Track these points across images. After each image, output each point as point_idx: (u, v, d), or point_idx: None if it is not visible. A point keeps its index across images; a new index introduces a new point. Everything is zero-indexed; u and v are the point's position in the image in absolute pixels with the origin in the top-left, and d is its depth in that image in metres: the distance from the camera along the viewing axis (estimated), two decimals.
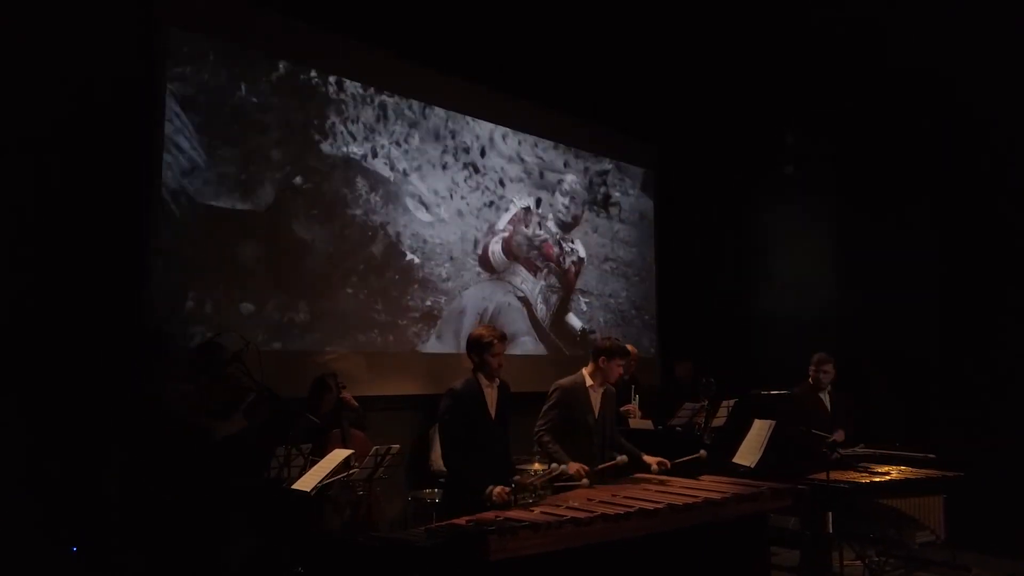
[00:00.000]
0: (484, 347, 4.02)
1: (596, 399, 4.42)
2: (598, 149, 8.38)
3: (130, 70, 4.87)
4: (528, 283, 7.49)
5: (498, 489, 3.75)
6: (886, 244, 7.37)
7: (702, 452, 4.54)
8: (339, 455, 4.19)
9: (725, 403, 6.56)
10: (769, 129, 8.15)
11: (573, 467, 4.09)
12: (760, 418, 5.23)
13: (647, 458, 4.40)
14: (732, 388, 6.67)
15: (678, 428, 6.43)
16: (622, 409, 6.25)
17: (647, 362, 8.51)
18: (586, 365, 4.55)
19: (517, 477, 3.90)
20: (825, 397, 5.81)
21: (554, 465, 4.07)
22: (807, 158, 7.92)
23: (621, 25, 7.53)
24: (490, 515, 3.28)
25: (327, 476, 4.05)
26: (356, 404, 5.10)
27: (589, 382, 4.43)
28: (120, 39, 4.83)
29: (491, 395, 4.07)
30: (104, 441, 4.04)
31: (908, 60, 7.04)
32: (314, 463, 4.21)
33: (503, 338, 4.09)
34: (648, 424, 6.31)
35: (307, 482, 4.01)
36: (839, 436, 5.51)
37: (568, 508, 3.38)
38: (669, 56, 7.95)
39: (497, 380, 4.11)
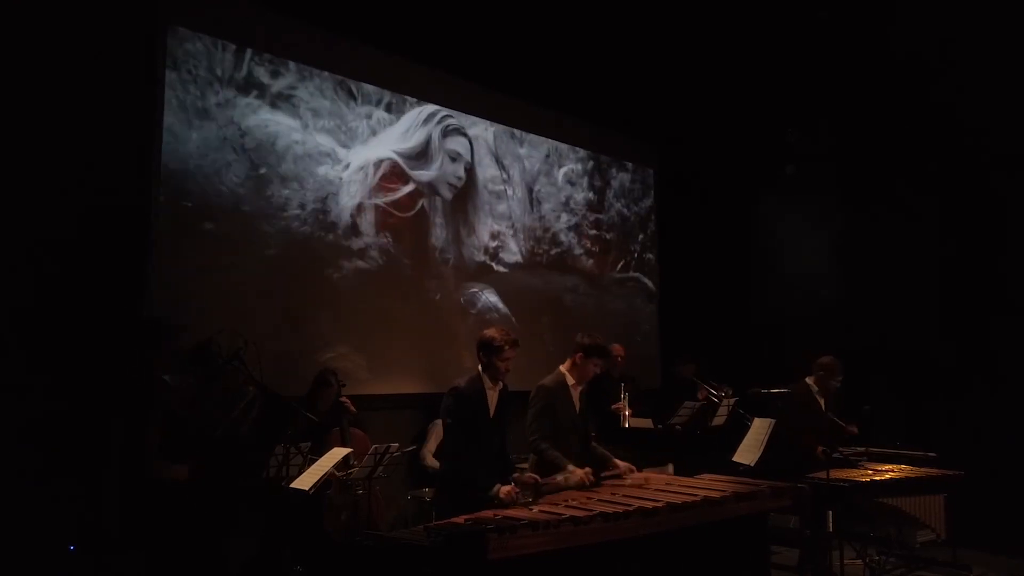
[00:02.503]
0: (495, 350, 3.97)
1: (576, 396, 4.36)
2: (599, 149, 8.37)
3: (132, 68, 4.89)
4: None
5: (505, 488, 3.73)
6: (887, 242, 7.37)
7: (669, 466, 4.52)
8: (338, 453, 4.19)
9: (726, 401, 6.55)
10: (770, 128, 8.14)
11: (578, 473, 4.04)
12: (760, 416, 5.23)
13: (618, 463, 4.35)
14: (735, 386, 6.67)
15: (677, 427, 6.42)
16: (613, 408, 6.21)
17: (648, 362, 8.51)
18: (563, 362, 4.43)
19: (516, 475, 3.86)
20: (821, 399, 5.78)
21: (561, 477, 4.04)
22: (808, 157, 7.92)
23: (621, 25, 7.52)
24: (489, 514, 3.27)
25: (326, 474, 4.04)
26: (354, 410, 5.09)
27: (571, 380, 4.34)
28: (123, 39, 4.84)
29: (492, 396, 4.05)
30: (104, 439, 4.04)
31: (908, 57, 7.04)
32: (313, 462, 4.21)
33: (515, 344, 4.02)
34: (648, 423, 6.30)
35: (306, 480, 4.01)
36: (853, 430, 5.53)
37: (567, 507, 3.37)
38: (670, 56, 7.94)
39: (500, 384, 4.08)
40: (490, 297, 7.05)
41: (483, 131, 7.20)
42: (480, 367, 4.05)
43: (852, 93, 7.53)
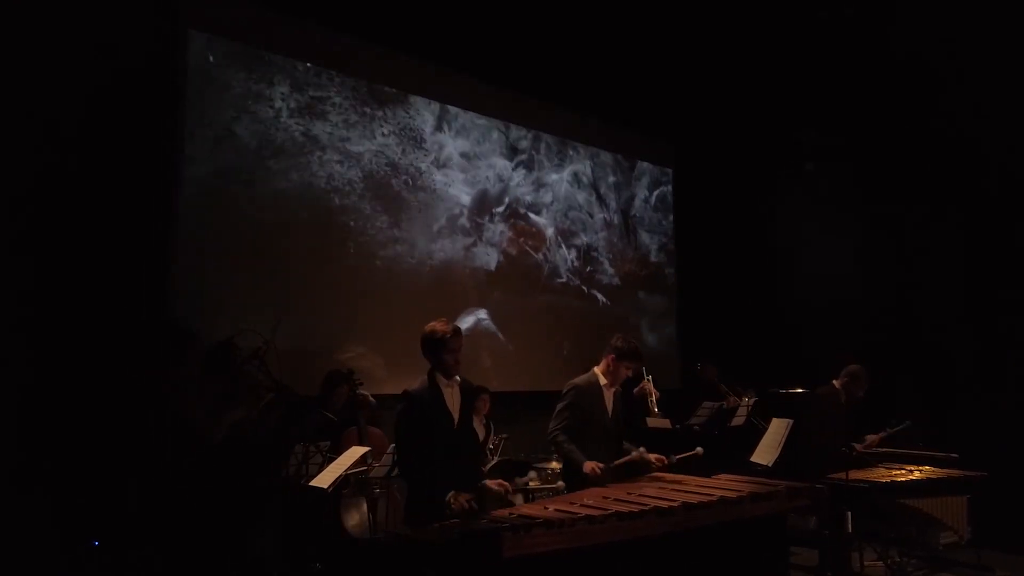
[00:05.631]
0: (438, 343, 3.67)
1: (609, 398, 4.35)
2: (617, 148, 8.37)
3: (152, 67, 4.96)
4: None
5: (461, 497, 3.46)
6: (909, 239, 7.30)
7: (699, 449, 4.47)
8: (356, 452, 4.23)
9: (745, 402, 6.52)
10: (788, 125, 8.08)
11: (588, 466, 4.03)
12: (779, 417, 5.20)
13: (648, 456, 4.28)
14: (754, 387, 6.63)
15: (696, 427, 6.39)
16: (636, 391, 6.09)
17: (667, 362, 8.48)
18: (598, 364, 4.43)
19: (486, 481, 3.74)
20: (845, 402, 5.68)
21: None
22: (827, 155, 7.85)
23: (638, 24, 7.50)
24: (504, 512, 3.28)
25: (344, 473, 4.07)
26: (373, 400, 5.13)
27: (603, 381, 4.34)
28: (143, 42, 4.92)
29: (452, 396, 3.74)
30: (123, 438, 4.11)
31: (926, 52, 6.95)
32: (331, 460, 4.25)
33: (458, 333, 3.73)
34: (666, 423, 6.28)
35: (324, 479, 4.05)
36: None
37: (582, 506, 3.37)
38: (687, 54, 7.91)
39: (457, 379, 3.78)
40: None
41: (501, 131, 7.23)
42: (430, 367, 3.75)
43: (871, 90, 7.45)
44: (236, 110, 5.39)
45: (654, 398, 5.66)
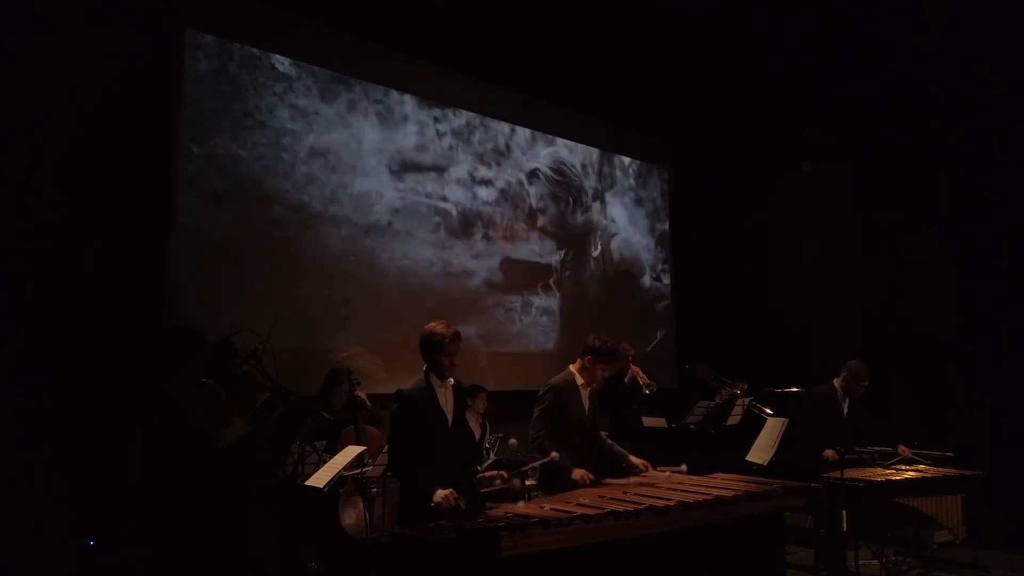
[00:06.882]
0: (437, 345, 3.71)
1: (586, 397, 4.34)
2: (615, 148, 8.37)
3: (148, 71, 4.95)
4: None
5: (441, 492, 3.48)
6: (905, 239, 7.31)
7: (683, 466, 4.49)
8: (352, 451, 4.23)
9: (740, 401, 6.52)
10: (786, 126, 8.10)
11: (577, 473, 4.03)
12: (775, 416, 5.22)
13: (633, 459, 4.30)
14: (750, 384, 6.63)
15: (691, 426, 6.40)
16: (626, 379, 6.04)
17: (664, 363, 8.49)
18: (573, 362, 4.40)
19: (481, 475, 3.78)
20: (844, 402, 5.68)
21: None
22: (825, 154, 7.86)
23: (637, 24, 7.51)
24: (500, 511, 3.29)
25: (340, 472, 4.08)
26: (370, 405, 5.13)
27: (580, 380, 4.32)
28: (140, 42, 4.91)
29: (446, 396, 3.78)
30: (122, 438, 4.11)
31: (925, 53, 6.97)
32: (327, 459, 4.25)
33: (457, 336, 3.77)
34: (661, 422, 6.30)
35: (320, 478, 4.05)
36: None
37: (579, 505, 3.38)
38: (685, 54, 7.92)
39: (451, 380, 3.81)
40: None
41: (502, 131, 7.23)
42: (425, 367, 3.79)
43: (869, 89, 7.47)
44: (238, 111, 5.38)
45: (645, 380, 5.68)
